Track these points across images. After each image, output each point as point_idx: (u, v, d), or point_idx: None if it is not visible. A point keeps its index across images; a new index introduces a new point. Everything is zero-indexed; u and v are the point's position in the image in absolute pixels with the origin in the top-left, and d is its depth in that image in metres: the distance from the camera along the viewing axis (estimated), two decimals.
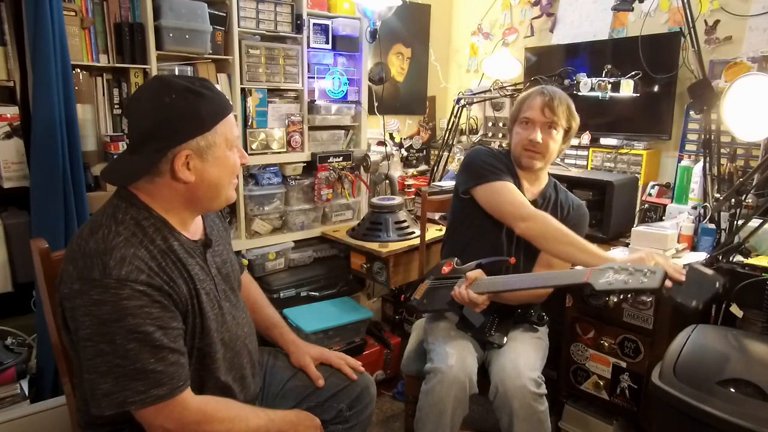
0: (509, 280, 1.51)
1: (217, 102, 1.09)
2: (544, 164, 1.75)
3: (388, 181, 2.81)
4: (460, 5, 3.24)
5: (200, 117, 1.05)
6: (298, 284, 2.50)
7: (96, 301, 0.97)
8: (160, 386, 1.01)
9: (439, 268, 1.77)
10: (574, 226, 1.66)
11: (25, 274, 1.81)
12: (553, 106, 1.66)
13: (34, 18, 1.62)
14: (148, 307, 1.00)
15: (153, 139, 1.04)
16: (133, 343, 0.98)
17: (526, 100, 1.73)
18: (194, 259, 1.13)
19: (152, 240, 1.06)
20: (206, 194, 1.12)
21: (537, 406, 1.47)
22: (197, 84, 1.07)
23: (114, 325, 0.97)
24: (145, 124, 1.04)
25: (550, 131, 1.69)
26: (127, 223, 1.05)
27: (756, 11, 2.07)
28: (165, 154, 1.04)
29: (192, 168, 1.06)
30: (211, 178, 1.10)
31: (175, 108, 1.03)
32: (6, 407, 1.65)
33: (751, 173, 1.83)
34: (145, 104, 1.05)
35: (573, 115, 1.72)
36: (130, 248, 1.01)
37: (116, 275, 0.97)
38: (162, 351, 1.01)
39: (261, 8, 2.29)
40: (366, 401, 1.45)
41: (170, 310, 1.04)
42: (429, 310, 1.77)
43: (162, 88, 1.05)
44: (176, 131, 1.04)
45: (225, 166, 1.12)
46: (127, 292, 0.98)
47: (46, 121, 1.66)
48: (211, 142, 1.07)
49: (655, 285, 1.21)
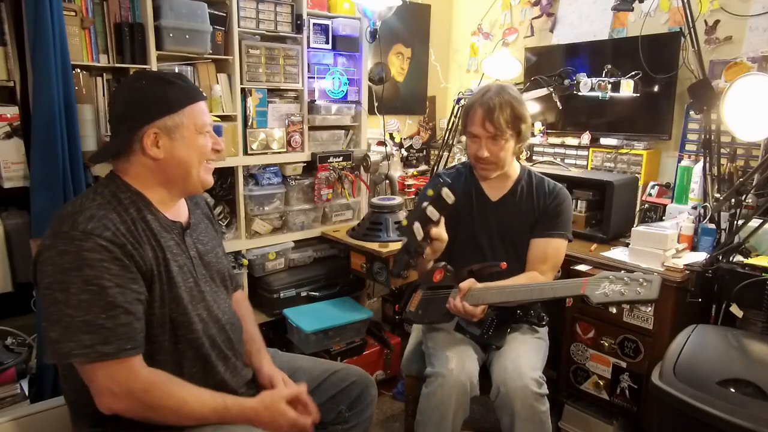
0: (504, 292, 1.50)
1: (187, 90, 1.19)
2: (502, 170, 1.73)
3: (388, 181, 2.81)
4: (460, 5, 3.24)
5: (168, 99, 1.15)
6: (298, 284, 2.50)
7: (60, 251, 1.02)
8: (106, 344, 1.01)
9: (431, 275, 1.72)
10: (555, 212, 1.70)
11: (25, 274, 1.80)
12: (492, 119, 1.60)
13: (34, 18, 1.62)
14: (107, 262, 1.03)
15: (125, 119, 1.15)
16: (87, 294, 1.01)
17: (469, 111, 1.68)
18: (169, 234, 1.19)
19: (126, 209, 1.13)
20: (177, 172, 1.19)
21: (538, 406, 1.46)
22: (171, 75, 1.20)
23: (72, 274, 1.01)
24: (119, 108, 1.17)
25: (496, 142, 1.64)
26: (104, 193, 1.13)
27: (756, 11, 2.08)
28: (136, 133, 1.13)
29: (161, 146, 1.15)
30: (179, 156, 1.17)
31: (145, 91, 1.15)
32: (6, 407, 1.65)
33: (751, 173, 1.83)
34: (121, 91, 1.21)
35: (520, 118, 1.64)
36: (101, 210, 1.08)
37: (82, 228, 1.03)
38: (115, 309, 1.03)
39: (261, 8, 2.29)
40: (366, 402, 1.45)
41: (131, 270, 1.07)
42: (426, 323, 1.74)
43: (136, 76, 1.19)
44: (145, 111, 1.14)
45: (193, 147, 1.19)
46: (90, 244, 1.02)
47: (46, 121, 1.66)
48: (178, 123, 1.16)
49: (653, 296, 1.21)
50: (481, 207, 1.79)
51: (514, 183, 1.78)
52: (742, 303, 1.66)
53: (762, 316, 1.65)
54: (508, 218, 1.76)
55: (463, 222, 1.79)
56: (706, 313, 1.77)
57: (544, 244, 1.71)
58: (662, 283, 1.23)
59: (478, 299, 1.51)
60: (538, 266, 1.70)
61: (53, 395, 1.75)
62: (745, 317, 1.67)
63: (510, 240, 1.75)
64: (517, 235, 1.75)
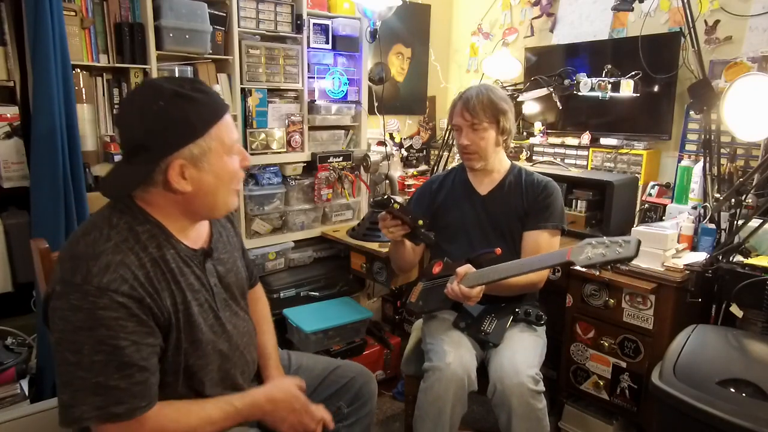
0: (497, 269, 1.52)
1: (210, 105, 1.04)
2: (486, 161, 1.78)
3: (388, 181, 2.81)
4: (460, 5, 3.24)
5: (191, 123, 1.00)
6: (298, 284, 2.50)
7: (72, 306, 0.94)
8: (119, 404, 0.96)
9: (430, 269, 1.79)
10: (545, 204, 1.73)
11: (25, 274, 1.81)
12: (469, 108, 1.71)
13: (34, 18, 1.62)
14: (124, 320, 0.95)
15: (144, 149, 0.99)
16: (100, 355, 0.94)
17: (453, 107, 1.79)
18: (190, 269, 1.09)
19: (144, 247, 1.02)
20: (204, 203, 1.07)
21: (535, 403, 1.47)
22: (187, 87, 1.02)
23: (84, 334, 0.93)
24: (135, 134, 1.00)
25: (476, 132, 1.73)
26: (120, 227, 1.01)
27: (756, 11, 2.07)
28: (158, 165, 1.00)
29: (188, 177, 1.02)
30: (208, 187, 1.05)
31: (164, 116, 0.98)
32: (6, 407, 1.65)
33: (751, 173, 1.83)
34: (135, 113, 1.01)
35: (498, 109, 1.72)
36: (118, 254, 0.97)
37: (97, 283, 0.94)
38: (129, 368, 0.96)
39: (261, 8, 2.29)
40: (365, 397, 1.44)
41: (148, 325, 0.99)
42: (426, 311, 1.78)
43: (150, 94, 1.00)
44: (166, 140, 0.99)
45: (223, 173, 1.06)
46: (105, 301, 0.94)
47: (46, 121, 1.66)
48: (205, 149, 1.02)
49: (631, 253, 1.24)
50: (470, 201, 1.83)
51: (502, 177, 1.82)
52: (742, 303, 1.66)
53: (762, 316, 1.65)
54: (498, 211, 1.79)
55: (455, 215, 1.83)
56: (706, 313, 1.77)
57: (536, 236, 1.73)
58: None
59: (474, 281, 1.53)
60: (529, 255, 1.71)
61: (53, 395, 1.75)
62: (745, 317, 1.67)
63: (502, 232, 1.78)
64: (507, 228, 1.78)
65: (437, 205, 1.87)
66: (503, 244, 1.75)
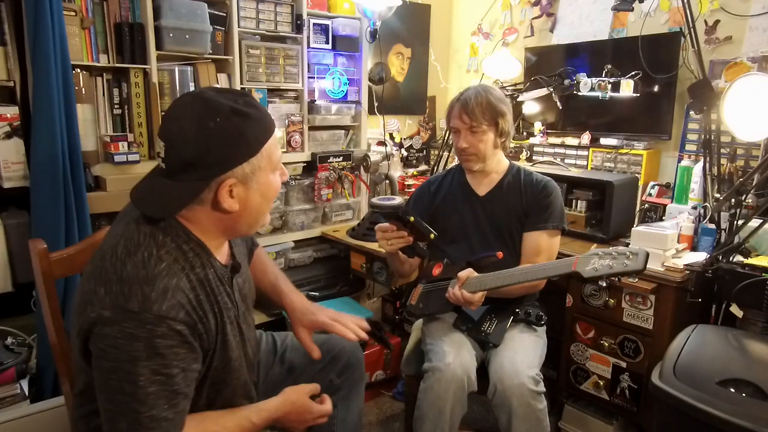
0: (500, 276, 1.51)
1: (263, 121, 1.00)
2: (484, 163, 1.77)
3: (388, 181, 2.81)
4: (460, 5, 3.24)
5: (247, 141, 0.96)
6: (298, 284, 2.49)
7: (128, 335, 0.90)
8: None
9: (430, 270, 1.79)
10: (545, 205, 1.72)
11: (25, 274, 1.80)
12: (468, 110, 1.69)
13: (34, 18, 1.62)
14: (178, 347, 0.93)
15: (195, 167, 0.95)
16: (155, 386, 0.92)
17: (451, 109, 1.77)
18: (223, 287, 1.07)
19: (192, 267, 0.99)
20: (247, 222, 1.05)
21: (535, 404, 1.47)
22: (241, 102, 0.98)
23: (141, 364, 0.90)
24: (187, 151, 0.95)
25: (474, 134, 1.71)
26: (168, 246, 0.97)
27: (756, 11, 2.07)
28: (209, 183, 0.96)
29: (236, 196, 0.99)
30: (254, 206, 1.03)
31: (221, 133, 0.94)
32: (6, 407, 1.65)
33: (751, 173, 1.83)
34: (188, 128, 0.95)
35: (497, 111, 1.70)
36: (173, 278, 0.94)
37: (157, 310, 0.90)
38: (177, 397, 0.95)
39: (261, 8, 2.29)
40: (354, 365, 1.44)
41: (195, 351, 0.98)
42: (426, 314, 1.77)
43: (205, 110, 0.95)
44: (223, 159, 0.95)
45: (269, 191, 1.05)
46: (163, 330, 0.91)
47: (46, 121, 1.66)
48: (256, 167, 0.99)
49: (639, 266, 1.23)
50: (469, 202, 1.82)
51: (501, 178, 1.81)
52: (742, 303, 1.66)
53: (762, 316, 1.64)
54: (497, 212, 1.78)
55: (453, 217, 1.83)
56: (706, 313, 1.77)
57: (536, 237, 1.73)
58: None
59: (476, 286, 1.53)
60: (532, 259, 1.71)
61: (53, 395, 1.75)
62: (745, 317, 1.67)
63: (501, 233, 1.78)
64: (506, 229, 1.77)
65: (436, 206, 1.87)
66: (502, 244, 1.75)
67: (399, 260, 1.78)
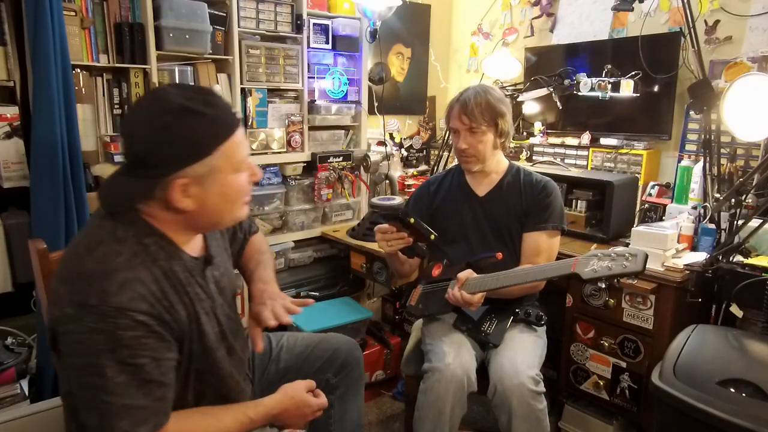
0: (499, 277, 1.52)
1: (220, 121, 0.98)
2: (484, 163, 1.76)
3: (388, 181, 2.81)
4: (460, 5, 3.24)
5: (197, 142, 0.95)
6: (298, 284, 2.50)
7: (90, 329, 0.90)
8: (144, 423, 0.95)
9: (429, 270, 1.79)
10: (544, 205, 1.72)
11: (25, 274, 1.80)
12: (467, 111, 1.68)
13: (34, 18, 1.62)
14: (145, 337, 0.93)
15: (146, 165, 0.94)
16: (123, 376, 0.92)
17: (450, 110, 1.77)
18: (194, 279, 1.07)
19: (155, 259, 0.99)
20: (208, 220, 1.04)
21: (535, 404, 1.47)
22: (198, 100, 0.95)
23: (105, 357, 0.91)
24: (137, 148, 0.95)
25: (474, 135, 1.71)
26: (128, 240, 0.97)
27: (756, 11, 2.07)
28: (159, 182, 0.95)
29: (192, 195, 0.97)
30: (213, 205, 1.01)
31: (168, 133, 0.93)
32: (6, 407, 1.65)
33: (751, 173, 1.83)
34: (138, 125, 0.95)
35: (496, 111, 1.70)
36: (131, 270, 0.94)
37: (116, 303, 0.90)
38: (150, 385, 0.95)
39: (261, 8, 2.29)
40: (352, 364, 1.44)
41: (166, 340, 0.98)
42: (426, 315, 1.77)
43: (156, 107, 0.94)
44: (171, 159, 0.94)
45: (230, 192, 1.01)
46: (126, 322, 0.90)
47: (46, 121, 1.66)
48: (212, 168, 0.97)
49: (638, 268, 1.23)
50: (469, 203, 1.82)
51: (500, 178, 1.81)
52: (742, 303, 1.66)
53: (762, 316, 1.64)
54: (496, 212, 1.78)
55: (453, 217, 1.83)
56: (706, 313, 1.77)
57: (536, 237, 1.73)
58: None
59: (475, 287, 1.53)
60: (532, 260, 1.71)
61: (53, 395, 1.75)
62: (745, 317, 1.67)
63: (500, 234, 1.77)
64: (506, 230, 1.77)
65: (435, 206, 1.87)
66: (502, 245, 1.75)
67: (399, 261, 1.78)
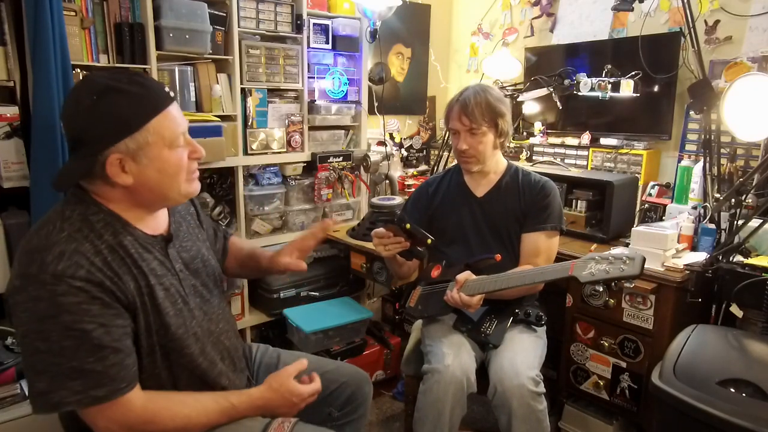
0: (498, 279, 1.52)
1: (148, 98, 1.02)
2: (484, 164, 1.76)
3: (388, 181, 2.81)
4: (460, 5, 3.24)
5: (123, 118, 1.00)
6: (298, 284, 2.50)
7: (33, 297, 0.95)
8: (99, 387, 0.97)
9: (428, 272, 1.79)
10: (543, 206, 1.72)
11: None
12: (467, 112, 1.68)
13: (34, 18, 1.61)
14: (86, 304, 0.96)
15: (81, 144, 1.01)
16: (69, 340, 0.95)
17: (449, 110, 1.76)
18: (151, 254, 1.09)
19: (99, 235, 1.02)
20: (150, 196, 1.08)
21: (535, 405, 1.47)
22: (124, 80, 1.01)
23: (49, 322, 0.94)
24: (72, 128, 1.02)
25: (474, 135, 1.70)
26: (73, 219, 1.02)
27: (756, 11, 2.07)
28: (96, 158, 1.00)
29: (128, 171, 1.02)
30: (151, 180, 1.05)
31: (96, 110, 0.99)
32: (6, 407, 1.65)
33: (751, 173, 1.83)
34: (70, 107, 1.02)
35: (495, 112, 1.69)
36: (71, 243, 0.98)
37: (52, 270, 0.94)
38: (102, 350, 0.97)
39: (261, 8, 2.29)
40: (358, 401, 1.43)
41: (113, 307, 1.00)
42: (425, 316, 1.77)
43: (83, 89, 1.01)
44: (100, 135, 0.99)
45: (166, 167, 1.05)
46: (63, 288, 0.94)
47: (46, 121, 1.66)
48: (142, 143, 1.01)
49: (635, 271, 1.23)
50: (467, 203, 1.82)
51: (499, 178, 1.81)
52: (742, 303, 1.66)
53: (762, 316, 1.64)
54: (495, 213, 1.78)
55: (452, 218, 1.83)
56: (706, 313, 1.77)
57: (535, 238, 1.73)
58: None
59: (474, 289, 1.53)
60: (531, 260, 1.71)
61: None
62: (745, 317, 1.67)
63: (499, 234, 1.77)
64: (504, 230, 1.77)
65: (434, 207, 1.87)
66: (501, 245, 1.75)
67: (397, 263, 1.78)
